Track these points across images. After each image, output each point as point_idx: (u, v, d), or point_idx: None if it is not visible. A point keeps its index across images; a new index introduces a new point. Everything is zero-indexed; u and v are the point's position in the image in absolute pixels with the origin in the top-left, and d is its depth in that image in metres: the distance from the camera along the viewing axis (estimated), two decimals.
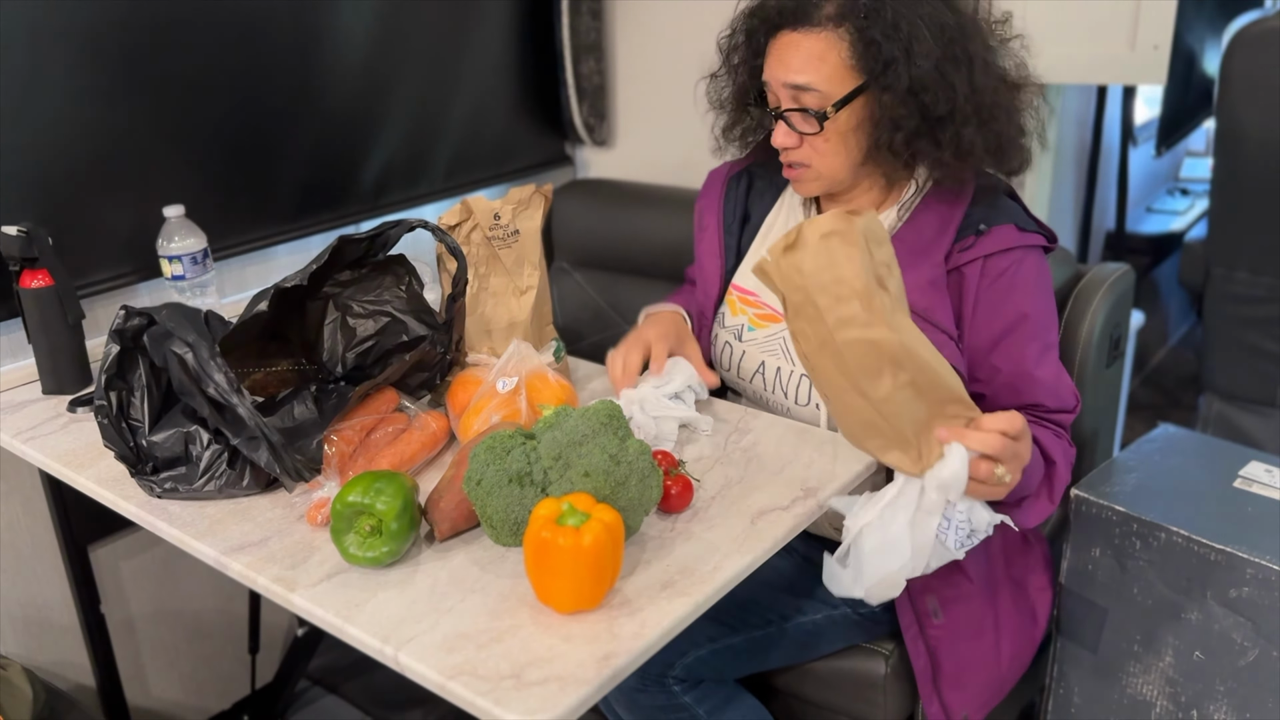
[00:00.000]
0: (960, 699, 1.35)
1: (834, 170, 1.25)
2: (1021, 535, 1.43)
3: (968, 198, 1.25)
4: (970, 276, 1.22)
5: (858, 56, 1.18)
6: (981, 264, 1.22)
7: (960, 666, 1.34)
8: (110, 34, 1.48)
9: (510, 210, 1.38)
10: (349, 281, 1.33)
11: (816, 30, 1.19)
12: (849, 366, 0.96)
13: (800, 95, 1.20)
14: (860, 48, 1.17)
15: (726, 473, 1.18)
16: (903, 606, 1.33)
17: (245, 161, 1.70)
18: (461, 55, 1.99)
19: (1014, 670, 1.40)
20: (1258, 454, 1.47)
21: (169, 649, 1.86)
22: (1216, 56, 2.30)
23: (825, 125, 1.20)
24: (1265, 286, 2.31)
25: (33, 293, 1.38)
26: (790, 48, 1.20)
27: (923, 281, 1.22)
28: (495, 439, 1.02)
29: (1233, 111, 2.22)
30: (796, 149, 1.24)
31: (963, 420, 1.00)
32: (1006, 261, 1.22)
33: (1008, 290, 1.22)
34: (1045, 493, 1.22)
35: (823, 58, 1.19)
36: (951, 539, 1.02)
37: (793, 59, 1.20)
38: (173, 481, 1.14)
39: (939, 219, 1.25)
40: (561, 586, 0.92)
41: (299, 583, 1.00)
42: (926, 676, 1.34)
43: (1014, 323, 1.22)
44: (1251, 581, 1.27)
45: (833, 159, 1.24)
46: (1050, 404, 1.23)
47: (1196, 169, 4.29)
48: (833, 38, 1.18)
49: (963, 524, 1.02)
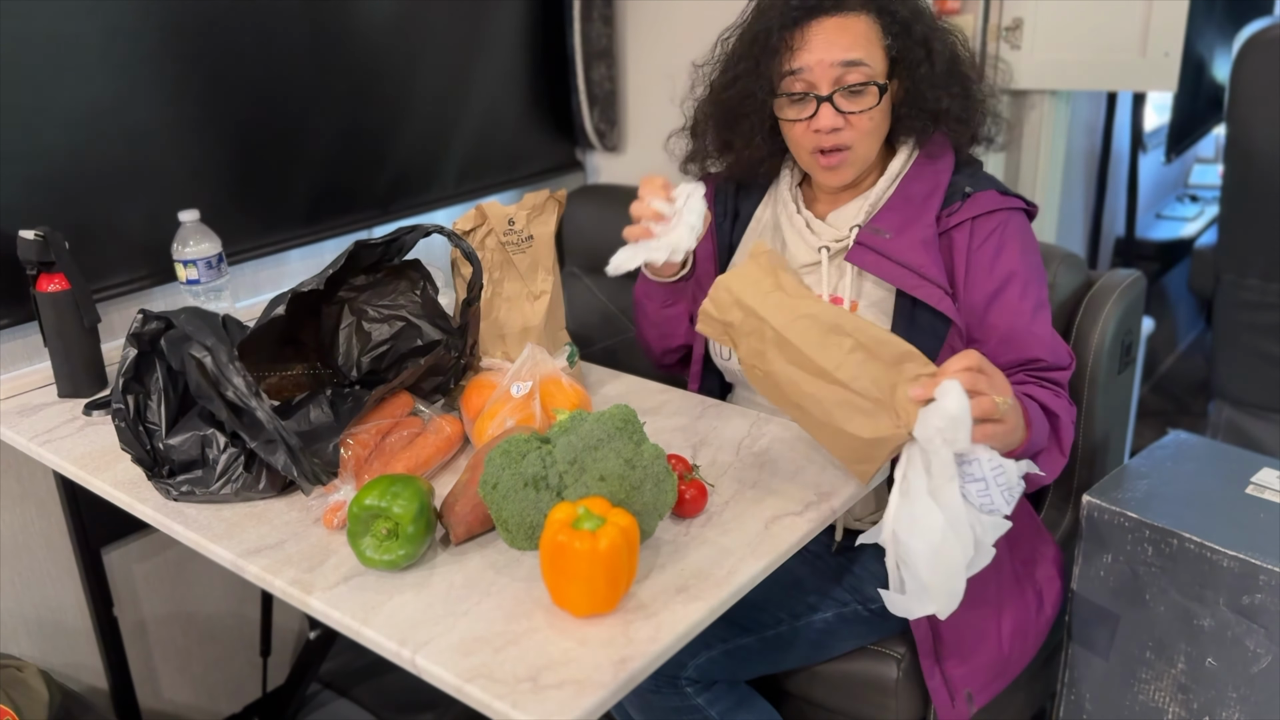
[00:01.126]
0: (962, 673, 1.35)
1: (869, 150, 1.32)
2: (1023, 513, 1.45)
3: (950, 166, 1.33)
4: (960, 240, 1.29)
5: (891, 38, 1.28)
6: (970, 226, 1.29)
7: (960, 636, 1.35)
8: (126, 40, 1.49)
9: (525, 216, 1.39)
10: (364, 286, 1.33)
11: (855, 15, 1.28)
12: (799, 351, 1.03)
13: (850, 73, 1.26)
14: (895, 30, 1.28)
15: (741, 477, 1.18)
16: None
17: (260, 167, 1.71)
18: (474, 61, 2.00)
19: (1016, 650, 1.39)
20: (1270, 460, 1.47)
21: (181, 652, 1.87)
22: (1226, 63, 2.30)
23: (881, 99, 1.28)
24: (1276, 293, 2.31)
25: (49, 296, 1.39)
26: (836, 29, 1.27)
27: (915, 241, 1.28)
28: (510, 443, 1.03)
29: (1243, 118, 2.23)
30: (842, 131, 1.28)
31: (925, 378, 1.01)
32: (993, 223, 1.29)
33: (997, 249, 1.29)
34: (1055, 445, 1.27)
35: (868, 38, 1.27)
36: (994, 495, 0.99)
37: (840, 38, 1.26)
38: (189, 484, 1.15)
39: (926, 185, 1.32)
40: (577, 590, 0.93)
41: (316, 585, 1.00)
42: (928, 646, 1.34)
43: (1005, 280, 1.28)
44: (1264, 588, 1.27)
45: (870, 137, 1.31)
46: (1048, 359, 1.28)
47: (1206, 175, 4.29)
48: (869, 22, 1.28)
49: (996, 472, 0.99)
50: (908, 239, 1.28)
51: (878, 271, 1.28)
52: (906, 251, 1.27)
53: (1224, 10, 2.96)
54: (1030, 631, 1.42)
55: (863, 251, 1.29)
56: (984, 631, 1.36)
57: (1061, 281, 1.55)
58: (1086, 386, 1.53)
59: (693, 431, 1.30)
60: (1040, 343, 1.28)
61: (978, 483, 1.00)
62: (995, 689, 1.39)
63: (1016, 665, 1.42)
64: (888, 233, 1.29)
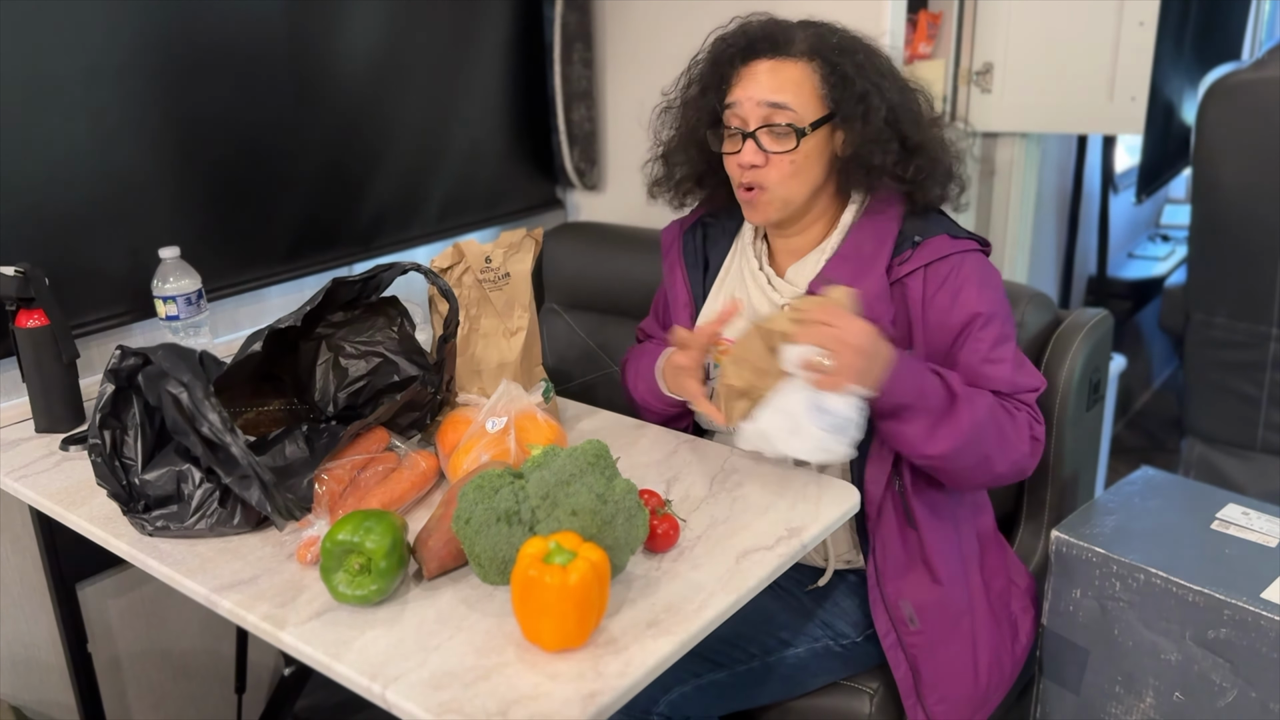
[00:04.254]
0: (943, 709, 1.36)
1: (790, 193, 1.33)
2: (994, 539, 1.47)
3: (899, 216, 1.35)
4: (914, 288, 1.31)
5: (829, 88, 1.30)
6: (923, 274, 1.31)
7: (939, 675, 1.36)
8: (107, 78, 1.51)
9: (501, 254, 1.41)
10: (342, 323, 1.35)
11: (791, 60, 1.31)
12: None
13: (775, 114, 1.30)
14: (833, 80, 1.30)
15: (712, 512, 1.19)
16: (879, 614, 1.36)
17: (240, 204, 1.72)
18: (456, 101, 2.03)
19: (994, 681, 1.40)
20: (1235, 496, 1.50)
21: (155, 688, 1.86)
22: (1194, 106, 2.35)
23: (800, 143, 1.30)
24: (1244, 331, 2.35)
25: (28, 332, 1.40)
26: (768, 72, 1.31)
27: (869, 296, 1.29)
28: (484, 478, 1.04)
29: (1209, 161, 2.27)
30: (760, 169, 1.32)
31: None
32: (947, 267, 1.31)
33: (954, 293, 1.30)
34: (948, 420, 1.23)
35: (799, 83, 1.30)
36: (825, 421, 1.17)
37: (771, 80, 1.30)
38: (164, 520, 1.15)
39: (877, 236, 1.34)
40: (548, 625, 0.93)
41: (288, 620, 1.01)
42: (909, 685, 1.35)
43: (966, 322, 1.30)
44: (1229, 622, 1.29)
45: (792, 181, 1.32)
46: (1006, 390, 1.30)
47: (1177, 215, 4.36)
48: (807, 68, 1.30)
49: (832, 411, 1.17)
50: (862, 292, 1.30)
51: None
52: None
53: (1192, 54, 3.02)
54: (1006, 662, 1.43)
55: None
56: (961, 665, 1.37)
57: (1030, 320, 1.58)
58: (1055, 423, 1.56)
59: (666, 466, 1.32)
60: (999, 379, 1.29)
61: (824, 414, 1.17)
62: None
63: (995, 697, 1.43)
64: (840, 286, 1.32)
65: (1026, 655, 1.47)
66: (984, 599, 1.41)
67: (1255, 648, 1.27)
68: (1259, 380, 2.35)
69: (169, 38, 1.56)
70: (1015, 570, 1.50)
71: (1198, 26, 3.03)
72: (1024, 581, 1.50)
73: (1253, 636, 1.27)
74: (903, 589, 1.35)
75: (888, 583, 1.36)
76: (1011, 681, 1.46)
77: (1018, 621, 1.46)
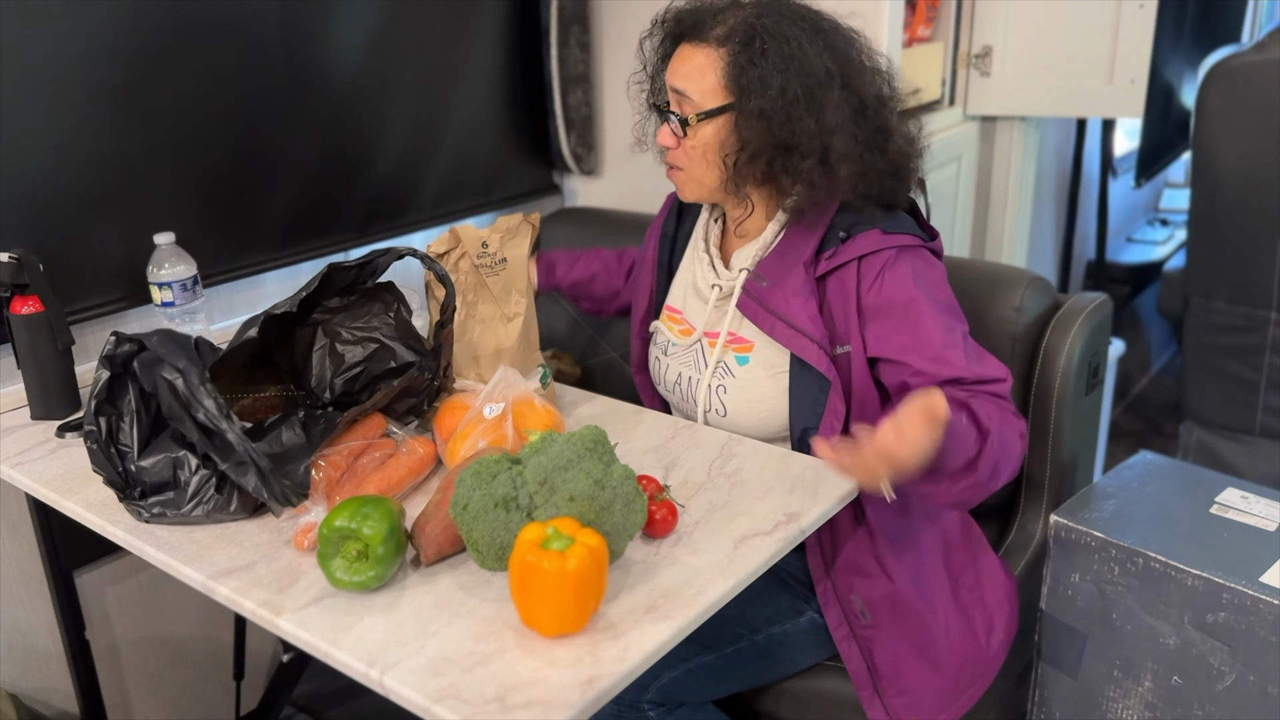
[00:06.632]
0: (904, 702, 1.35)
1: (701, 179, 1.35)
2: (961, 537, 1.44)
3: (830, 214, 1.32)
4: (846, 282, 1.29)
5: (729, 78, 1.28)
6: (856, 267, 1.28)
7: (898, 669, 1.35)
8: (102, 63, 1.50)
9: (498, 239, 1.40)
10: (338, 308, 1.34)
11: (705, 46, 1.30)
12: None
13: (680, 101, 1.32)
14: (733, 70, 1.27)
15: (710, 498, 1.19)
16: (830, 608, 1.36)
17: (235, 189, 1.71)
18: (453, 85, 2.02)
19: (966, 676, 1.39)
20: (1234, 480, 1.50)
21: (153, 676, 1.86)
22: (1194, 89, 2.35)
23: (687, 131, 1.31)
24: (1242, 315, 2.35)
25: (23, 319, 1.39)
26: (681, 57, 1.32)
27: (789, 290, 1.30)
28: (481, 464, 1.04)
29: (1208, 145, 2.27)
30: (673, 151, 1.35)
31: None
32: (880, 261, 1.28)
33: (890, 286, 1.27)
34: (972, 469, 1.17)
35: (702, 71, 1.29)
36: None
37: (679, 67, 1.32)
38: (161, 506, 1.15)
39: (804, 234, 1.34)
40: (546, 610, 0.93)
41: (285, 607, 1.00)
42: (863, 677, 1.36)
43: (904, 311, 1.26)
44: (1228, 606, 1.29)
45: (697, 167, 1.34)
46: (968, 376, 1.24)
47: (1176, 200, 4.35)
48: (714, 56, 1.29)
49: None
50: (783, 289, 1.31)
51: (755, 320, 1.33)
52: (780, 301, 1.31)
53: (1191, 37, 3.01)
54: (981, 659, 1.40)
55: (745, 298, 1.35)
56: (920, 661, 1.36)
57: (1028, 304, 1.58)
58: (1054, 407, 1.55)
59: (665, 452, 1.31)
60: (957, 362, 1.23)
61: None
62: (950, 716, 1.39)
63: (971, 691, 1.40)
64: (766, 280, 1.33)
65: (1008, 648, 1.45)
66: (949, 595, 1.39)
67: (1254, 631, 1.27)
68: (1258, 364, 2.35)
69: (163, 22, 1.54)
70: (988, 565, 1.46)
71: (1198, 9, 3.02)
72: (999, 576, 1.46)
73: (1251, 620, 1.27)
74: (853, 583, 1.35)
75: (838, 576, 1.35)
76: (993, 675, 1.43)
77: (993, 616, 1.43)
